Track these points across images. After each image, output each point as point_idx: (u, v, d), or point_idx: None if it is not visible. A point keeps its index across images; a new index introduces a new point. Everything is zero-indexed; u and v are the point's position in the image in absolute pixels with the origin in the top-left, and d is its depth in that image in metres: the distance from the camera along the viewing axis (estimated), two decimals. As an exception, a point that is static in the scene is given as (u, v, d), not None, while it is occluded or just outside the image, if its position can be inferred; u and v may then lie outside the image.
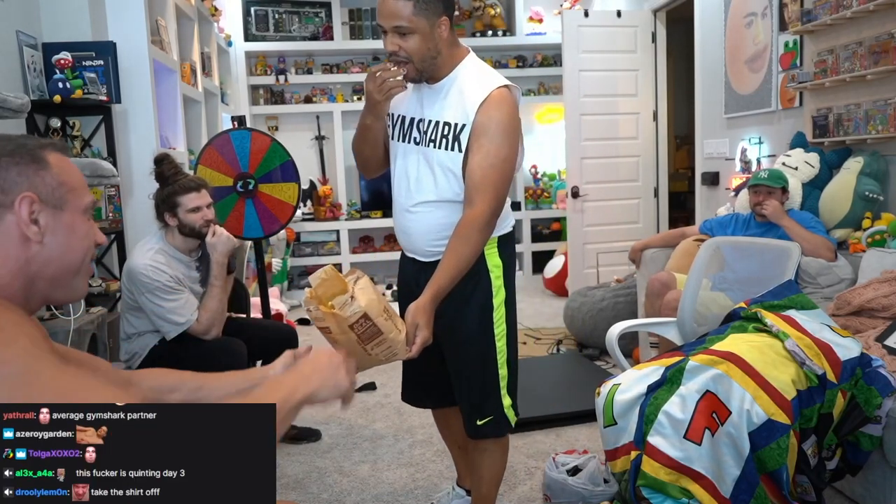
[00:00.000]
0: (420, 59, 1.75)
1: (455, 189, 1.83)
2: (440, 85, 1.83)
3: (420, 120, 1.86)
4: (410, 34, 1.72)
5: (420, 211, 1.87)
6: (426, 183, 1.85)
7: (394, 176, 1.95)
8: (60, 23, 3.38)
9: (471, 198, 1.76)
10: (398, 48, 1.73)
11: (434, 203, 1.85)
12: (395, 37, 1.73)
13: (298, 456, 2.89)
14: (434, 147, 1.82)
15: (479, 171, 1.75)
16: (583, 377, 3.61)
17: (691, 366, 1.95)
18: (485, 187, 1.75)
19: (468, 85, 1.80)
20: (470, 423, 1.95)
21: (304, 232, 6.33)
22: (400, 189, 1.91)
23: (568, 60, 5.13)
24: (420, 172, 1.86)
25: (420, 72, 1.78)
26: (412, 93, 1.90)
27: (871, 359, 2.05)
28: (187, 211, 2.52)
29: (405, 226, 1.92)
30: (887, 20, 2.91)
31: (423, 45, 1.73)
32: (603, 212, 5.29)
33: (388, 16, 1.71)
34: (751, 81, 3.99)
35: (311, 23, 6.34)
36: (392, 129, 1.93)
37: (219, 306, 2.57)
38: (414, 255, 1.95)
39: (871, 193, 2.97)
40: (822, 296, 2.83)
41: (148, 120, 3.70)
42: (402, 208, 1.91)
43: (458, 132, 1.79)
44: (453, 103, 1.81)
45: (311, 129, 6.50)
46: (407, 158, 1.89)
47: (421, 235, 1.89)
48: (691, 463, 1.83)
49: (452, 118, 1.80)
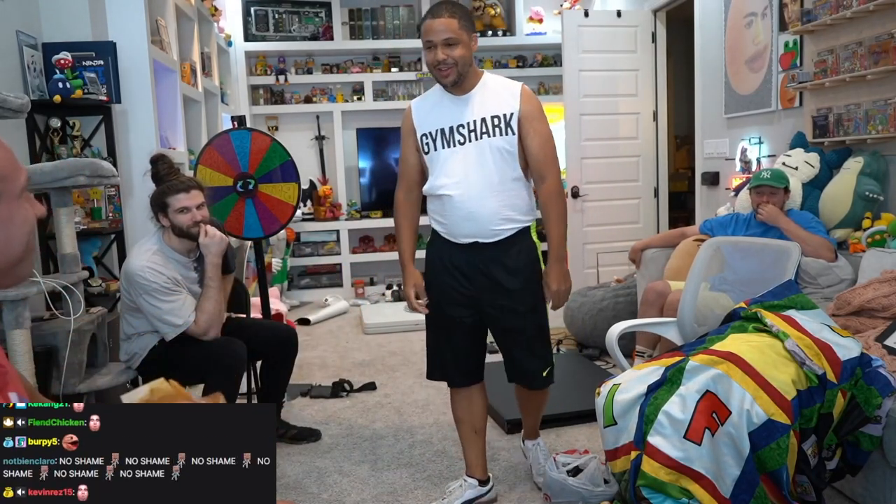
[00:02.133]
0: (462, 65, 2.14)
1: (513, 167, 2.20)
2: (471, 93, 2.21)
3: (460, 124, 2.20)
4: (456, 45, 2.12)
5: (487, 196, 2.17)
6: (487, 170, 2.18)
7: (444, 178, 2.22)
8: (60, 23, 3.38)
9: (542, 174, 2.22)
10: (447, 56, 2.11)
11: (498, 186, 2.18)
12: (444, 48, 2.11)
13: (298, 456, 2.89)
14: (489, 136, 2.18)
15: (541, 151, 2.20)
16: (583, 377, 3.61)
17: (691, 366, 1.95)
18: (549, 162, 2.22)
19: (498, 86, 2.23)
20: (536, 376, 2.33)
21: (304, 232, 6.33)
22: (460, 185, 2.19)
23: (568, 60, 5.13)
24: (479, 163, 2.18)
25: (460, 76, 2.16)
26: (439, 109, 2.24)
27: (871, 359, 2.05)
28: (176, 211, 2.51)
29: (470, 214, 2.19)
30: (887, 20, 2.91)
31: (464, 53, 2.14)
32: (603, 212, 5.29)
33: (440, 31, 2.11)
34: (751, 81, 3.99)
35: (311, 23, 6.34)
36: (432, 143, 2.24)
37: (216, 307, 2.57)
38: (477, 238, 2.21)
39: (871, 193, 2.97)
40: (822, 296, 2.83)
41: (148, 120, 3.70)
42: (467, 199, 2.18)
43: (508, 120, 2.18)
44: (493, 102, 2.19)
45: (311, 129, 6.50)
46: (457, 158, 2.20)
47: (488, 218, 2.19)
48: (691, 463, 1.83)
49: (499, 111, 2.18)
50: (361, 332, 5.06)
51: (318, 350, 4.59)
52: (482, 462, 2.44)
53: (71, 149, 3.31)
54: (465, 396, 2.40)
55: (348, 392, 3.66)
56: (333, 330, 5.20)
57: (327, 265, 6.44)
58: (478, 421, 2.42)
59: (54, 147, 3.29)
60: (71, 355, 2.50)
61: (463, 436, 2.44)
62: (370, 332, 5.00)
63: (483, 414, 2.43)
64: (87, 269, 2.95)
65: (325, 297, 6.00)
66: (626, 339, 3.12)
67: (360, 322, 5.27)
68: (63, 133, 3.35)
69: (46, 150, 3.28)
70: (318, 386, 3.72)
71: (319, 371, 4.10)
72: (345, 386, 3.67)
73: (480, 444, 2.43)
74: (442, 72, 2.14)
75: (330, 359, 4.37)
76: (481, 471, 2.42)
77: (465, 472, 2.45)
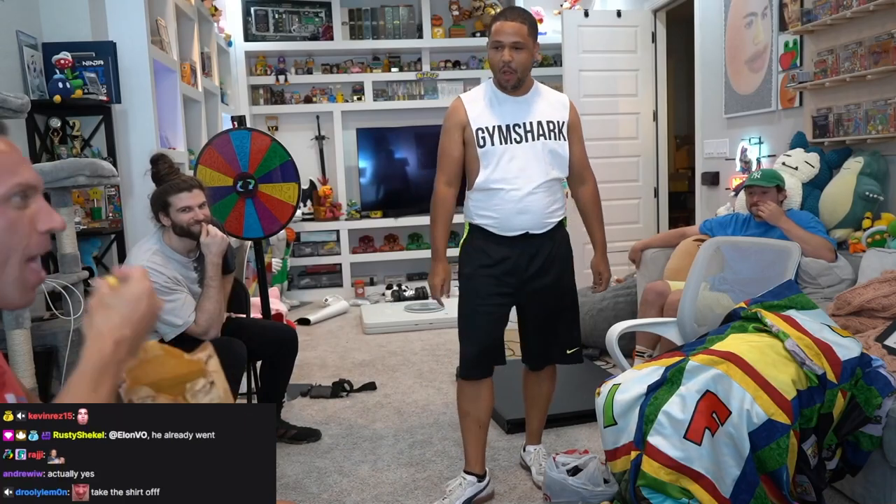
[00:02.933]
0: (523, 70, 2.29)
1: (562, 168, 2.42)
2: (528, 96, 2.38)
3: (517, 124, 2.34)
4: (522, 49, 2.26)
5: (539, 192, 2.35)
6: (542, 168, 2.35)
7: (501, 172, 2.34)
8: (60, 23, 3.38)
9: (583, 177, 2.52)
10: (511, 59, 2.25)
11: (548, 184, 2.36)
12: (511, 51, 2.25)
13: (298, 456, 2.89)
14: (545, 139, 2.36)
15: (583, 157, 2.50)
16: (583, 377, 3.60)
17: (691, 366, 1.95)
18: (588, 168, 2.53)
19: (551, 95, 2.44)
20: (559, 353, 2.52)
21: (304, 232, 6.33)
22: (516, 180, 2.33)
23: (568, 60, 5.13)
24: (535, 161, 2.34)
25: (519, 79, 2.31)
26: (496, 107, 2.36)
27: (871, 359, 2.05)
28: (178, 210, 2.51)
29: (525, 207, 2.34)
30: (887, 20, 2.91)
31: (527, 59, 2.29)
32: (603, 212, 5.27)
33: (511, 34, 2.25)
34: (751, 81, 3.99)
35: (311, 23, 6.34)
36: (489, 137, 2.34)
37: (216, 307, 2.57)
38: (529, 230, 2.37)
39: (872, 193, 2.97)
40: (823, 296, 2.83)
41: (148, 120, 3.70)
42: (522, 193, 2.33)
43: (561, 127, 2.39)
44: (548, 108, 2.39)
45: (311, 129, 6.50)
46: (515, 154, 2.33)
47: (540, 211, 2.36)
48: (691, 463, 1.83)
49: (554, 117, 2.38)
50: (361, 332, 5.06)
51: (318, 350, 4.59)
52: (482, 457, 2.47)
53: (71, 149, 3.31)
54: (476, 389, 2.43)
55: (348, 392, 3.66)
56: (333, 330, 5.20)
57: (327, 265, 6.44)
58: (484, 415, 2.46)
59: (54, 147, 3.29)
60: (71, 355, 2.50)
61: (467, 429, 2.46)
62: (370, 332, 5.00)
63: (490, 408, 2.49)
64: (87, 269, 2.95)
65: (325, 297, 6.00)
66: (626, 339, 3.12)
67: (360, 322, 5.27)
68: (63, 133, 3.35)
69: (46, 150, 3.28)
70: (318, 386, 3.72)
71: (319, 371, 4.10)
72: (345, 386, 3.67)
73: (483, 439, 2.48)
74: (505, 74, 2.28)
75: (330, 359, 4.37)
76: (481, 466, 2.46)
77: (463, 469, 2.46)
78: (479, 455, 2.46)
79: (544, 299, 2.44)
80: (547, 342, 2.51)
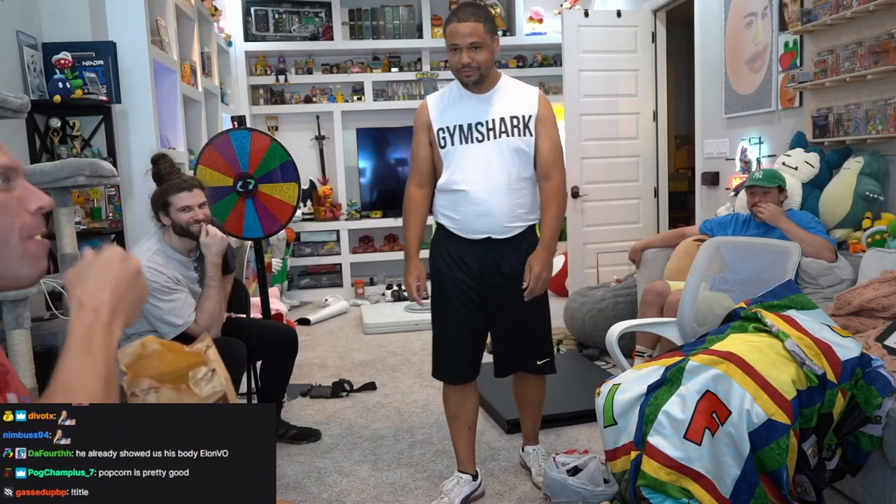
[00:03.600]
0: (485, 68, 2.22)
1: (528, 167, 2.30)
2: (491, 93, 2.29)
3: (479, 122, 2.26)
4: (481, 48, 2.18)
5: (502, 194, 2.25)
6: (505, 168, 2.25)
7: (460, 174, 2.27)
8: (60, 23, 3.38)
9: (548, 173, 2.31)
10: (471, 60, 2.18)
11: (513, 185, 2.26)
12: (470, 51, 2.18)
13: (298, 456, 2.89)
14: (507, 136, 2.26)
15: (550, 153, 2.31)
16: (583, 377, 3.60)
17: (691, 366, 1.95)
18: (556, 164, 2.32)
19: (517, 89, 2.32)
20: (530, 363, 2.43)
21: (304, 232, 6.33)
22: (476, 181, 2.25)
23: (568, 60, 5.13)
24: (497, 161, 2.25)
25: (482, 77, 2.23)
26: (457, 106, 2.29)
27: (871, 359, 2.05)
28: (178, 210, 2.51)
29: (485, 210, 2.26)
30: (887, 20, 2.91)
31: (488, 56, 2.21)
32: (603, 212, 5.29)
33: (467, 34, 2.17)
34: (751, 81, 3.99)
35: (311, 23, 6.34)
36: (449, 138, 2.28)
37: (216, 307, 2.57)
38: (490, 234, 2.29)
39: (872, 193, 2.97)
40: (823, 296, 2.83)
41: (148, 120, 3.70)
42: (483, 196, 2.25)
43: (527, 121, 2.27)
44: (512, 103, 2.28)
45: (311, 129, 6.50)
46: (475, 155, 2.26)
47: (503, 215, 2.27)
48: (691, 463, 1.83)
49: (518, 112, 2.26)
50: (361, 332, 5.06)
51: (318, 350, 4.59)
52: (474, 457, 2.50)
53: (71, 149, 3.31)
54: (461, 392, 2.44)
55: (348, 392, 3.66)
56: (333, 330, 5.20)
57: (327, 265, 6.44)
58: (471, 417, 2.47)
59: (54, 147, 3.29)
60: (71, 355, 2.49)
61: (456, 432, 2.48)
62: (370, 332, 5.00)
63: (476, 410, 2.50)
64: (87, 269, 2.95)
65: (325, 297, 6.00)
66: (626, 339, 3.12)
67: (360, 322, 5.27)
68: (63, 133, 3.35)
69: (46, 150, 3.28)
70: (318, 386, 3.72)
71: (319, 371, 4.10)
72: (345, 386, 3.67)
73: (472, 440, 2.50)
74: (465, 72, 2.21)
75: (330, 359, 4.37)
76: (473, 465, 2.49)
77: (457, 469, 2.48)
78: (471, 455, 2.49)
79: (510, 308, 2.35)
80: (512, 352, 2.43)
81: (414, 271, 2.40)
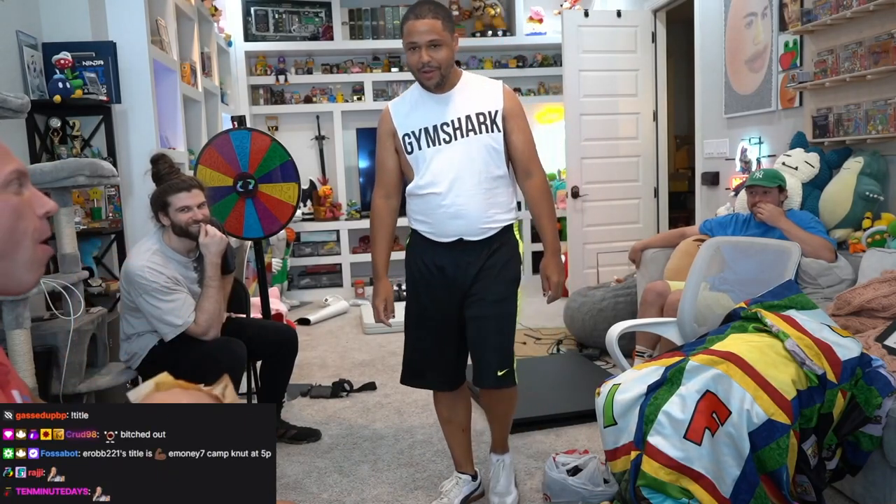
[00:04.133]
0: (445, 67, 2.12)
1: (500, 165, 2.20)
2: (451, 93, 2.19)
3: (444, 123, 2.17)
4: (440, 46, 2.09)
5: (475, 193, 2.16)
6: (476, 167, 2.16)
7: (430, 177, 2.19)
8: (60, 23, 3.38)
9: (528, 169, 2.24)
10: (430, 59, 2.09)
11: (486, 183, 2.17)
12: (429, 49, 2.09)
13: (298, 456, 2.89)
14: (475, 133, 2.16)
15: (525, 147, 2.23)
16: (583, 377, 3.60)
17: (691, 366, 1.95)
18: (534, 158, 2.25)
19: (479, 84, 2.23)
20: (489, 374, 2.22)
21: (304, 232, 6.33)
22: (447, 183, 2.16)
23: (568, 60, 5.13)
24: (466, 160, 2.16)
25: (443, 77, 2.14)
26: (420, 109, 2.21)
27: (871, 359, 2.05)
28: (177, 210, 2.51)
29: (458, 212, 2.16)
30: (887, 20, 2.91)
31: (448, 54, 2.12)
32: (603, 212, 5.29)
33: (425, 32, 2.07)
34: (751, 81, 3.99)
35: (311, 23, 6.34)
36: (416, 142, 2.20)
37: (215, 307, 2.57)
38: (463, 236, 2.19)
39: (872, 193, 2.97)
40: (823, 296, 2.83)
41: (148, 120, 3.70)
42: (455, 197, 2.16)
43: (493, 117, 2.17)
44: (475, 99, 2.18)
45: (311, 129, 6.50)
46: (443, 156, 2.17)
47: (476, 216, 2.17)
48: (691, 463, 1.83)
49: (483, 108, 2.17)
50: (361, 332, 5.06)
51: (318, 350, 4.59)
52: (471, 457, 2.49)
53: (71, 149, 3.32)
54: (450, 398, 2.40)
55: (348, 392, 3.66)
56: (333, 330, 5.20)
57: (327, 265, 6.44)
58: (464, 420, 2.43)
59: (54, 147, 3.29)
60: (71, 355, 2.50)
61: (449, 434, 2.46)
62: (370, 332, 5.00)
63: (468, 412, 2.46)
64: (87, 269, 2.95)
65: (325, 297, 6.00)
66: (626, 339, 3.12)
67: (360, 322, 5.27)
68: (63, 133, 3.35)
69: (46, 150, 3.28)
70: (318, 386, 3.72)
71: (319, 371, 4.10)
72: (345, 386, 3.67)
73: (468, 441, 2.47)
74: (426, 74, 2.12)
75: (330, 359, 4.37)
76: (472, 466, 2.47)
77: (455, 470, 2.47)
78: (468, 456, 2.46)
79: (474, 312, 2.22)
80: (478, 360, 2.25)
81: (382, 293, 2.32)
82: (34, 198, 0.95)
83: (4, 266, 0.92)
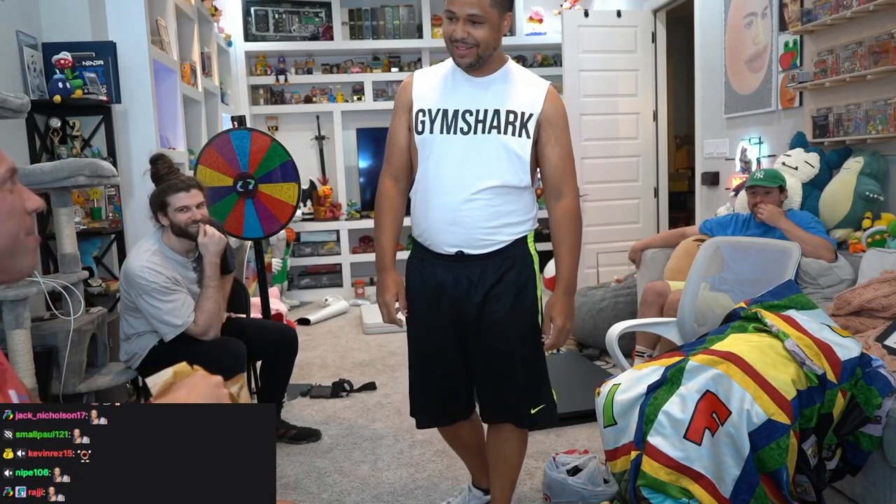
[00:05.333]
0: (485, 48, 1.80)
1: (520, 174, 1.87)
2: (491, 78, 1.88)
3: (467, 110, 1.86)
4: (482, 24, 1.77)
5: (481, 198, 1.85)
6: (490, 168, 1.85)
7: (435, 171, 1.89)
8: (60, 23, 3.38)
9: (559, 188, 1.91)
10: (467, 35, 1.77)
11: (498, 189, 1.86)
12: (466, 24, 1.77)
13: (298, 456, 2.89)
14: (499, 133, 1.85)
15: (560, 162, 1.89)
16: (583, 377, 3.60)
17: (691, 366, 1.95)
18: (568, 177, 1.91)
19: (523, 79, 1.90)
20: (521, 414, 1.96)
21: (304, 232, 6.33)
22: (449, 181, 1.86)
23: (568, 60, 5.13)
24: (480, 160, 1.85)
25: (479, 59, 1.82)
26: (447, 86, 1.90)
27: (871, 359, 2.05)
28: (175, 210, 2.51)
29: (455, 218, 1.86)
30: (887, 20, 2.91)
31: (490, 35, 1.79)
32: (603, 212, 5.29)
33: (466, 4, 1.75)
34: (751, 81, 3.99)
35: (311, 23, 6.34)
36: (429, 123, 1.88)
37: (215, 307, 2.57)
38: (461, 248, 1.89)
39: (872, 193, 2.97)
40: (823, 296, 2.83)
41: (148, 120, 3.70)
42: (455, 199, 1.85)
43: (525, 120, 1.85)
44: (512, 94, 1.86)
45: (311, 129, 6.50)
46: (455, 148, 1.86)
47: (477, 225, 1.86)
48: (691, 463, 1.83)
49: (517, 107, 1.86)
50: (361, 332, 5.06)
51: (318, 350, 4.59)
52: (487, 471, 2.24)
53: (71, 149, 3.31)
54: (451, 433, 2.19)
55: (348, 392, 3.66)
56: (333, 330, 5.20)
57: (327, 265, 6.44)
58: (473, 446, 2.22)
59: (54, 147, 3.29)
60: (71, 355, 2.50)
61: (461, 454, 2.31)
62: (370, 332, 5.00)
63: (481, 438, 2.20)
64: (87, 269, 2.95)
65: (325, 297, 6.00)
66: (626, 339, 3.12)
67: (360, 322, 5.27)
68: (63, 133, 3.35)
69: (46, 150, 3.28)
70: (318, 386, 3.72)
71: (319, 371, 4.10)
72: (345, 386, 3.67)
73: (483, 458, 2.22)
74: (459, 50, 1.80)
75: (330, 359, 4.37)
76: (487, 480, 2.25)
77: (470, 482, 2.35)
78: (485, 469, 2.24)
79: (491, 342, 1.92)
80: (496, 395, 1.98)
81: (391, 286, 1.99)
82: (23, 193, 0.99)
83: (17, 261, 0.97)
